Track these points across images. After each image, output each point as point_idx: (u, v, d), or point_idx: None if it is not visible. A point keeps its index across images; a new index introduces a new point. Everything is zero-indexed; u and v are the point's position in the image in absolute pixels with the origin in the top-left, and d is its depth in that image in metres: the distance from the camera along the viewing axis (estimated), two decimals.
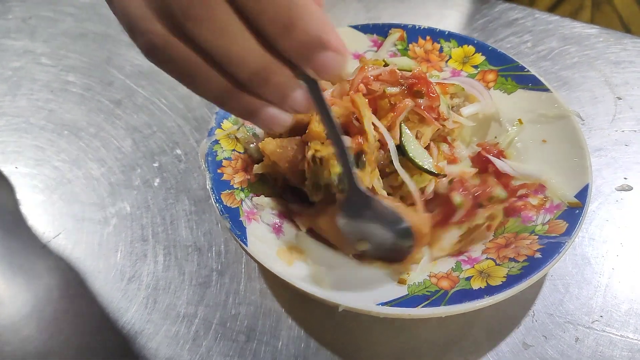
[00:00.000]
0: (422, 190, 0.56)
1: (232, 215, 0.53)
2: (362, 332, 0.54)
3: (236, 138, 0.60)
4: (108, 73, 0.78)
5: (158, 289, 0.58)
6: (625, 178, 0.64)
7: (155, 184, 0.66)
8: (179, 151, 0.69)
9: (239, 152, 0.59)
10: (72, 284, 0.58)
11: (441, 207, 0.54)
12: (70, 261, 0.60)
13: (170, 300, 0.57)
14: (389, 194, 0.56)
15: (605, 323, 0.54)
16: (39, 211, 0.64)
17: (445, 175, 0.56)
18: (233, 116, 0.60)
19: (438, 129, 0.58)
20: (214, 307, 0.56)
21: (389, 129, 0.55)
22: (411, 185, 0.54)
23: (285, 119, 0.38)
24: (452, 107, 0.62)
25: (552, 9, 0.96)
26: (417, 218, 0.51)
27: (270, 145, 0.56)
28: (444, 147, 0.60)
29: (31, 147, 0.70)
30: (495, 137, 0.63)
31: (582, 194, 0.54)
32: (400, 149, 0.55)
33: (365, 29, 0.70)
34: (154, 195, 0.65)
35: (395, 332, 0.54)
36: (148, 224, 0.63)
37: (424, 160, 0.55)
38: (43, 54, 0.81)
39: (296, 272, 0.51)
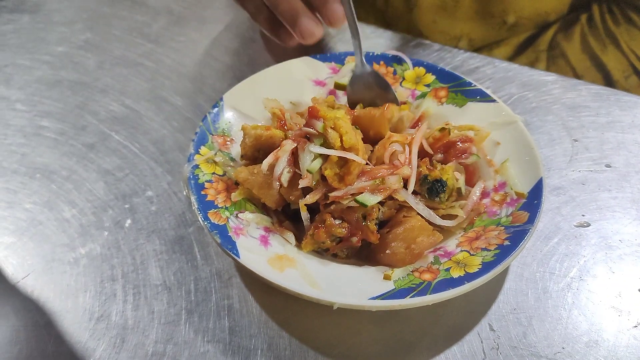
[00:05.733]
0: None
1: (221, 231, 0.57)
2: None
3: (214, 162, 0.64)
4: (82, 118, 0.79)
5: (127, 328, 0.58)
6: (583, 215, 0.67)
7: (126, 225, 0.67)
8: (150, 193, 0.70)
9: (219, 175, 0.63)
10: (39, 325, 0.58)
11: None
12: (38, 302, 0.60)
13: (139, 339, 0.57)
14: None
15: (567, 354, 0.55)
16: (8, 252, 0.64)
17: None
18: (209, 142, 0.65)
19: None
20: (182, 346, 0.56)
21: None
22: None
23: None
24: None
25: (509, 61, 1.01)
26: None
27: (242, 174, 0.61)
28: None
29: (3, 190, 0.70)
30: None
31: (538, 187, 0.61)
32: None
33: (323, 58, 0.77)
34: (124, 236, 0.65)
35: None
36: (118, 264, 0.63)
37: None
38: (18, 100, 0.82)
39: (289, 277, 0.55)
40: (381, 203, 0.59)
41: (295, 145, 0.60)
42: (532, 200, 0.60)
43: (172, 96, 0.82)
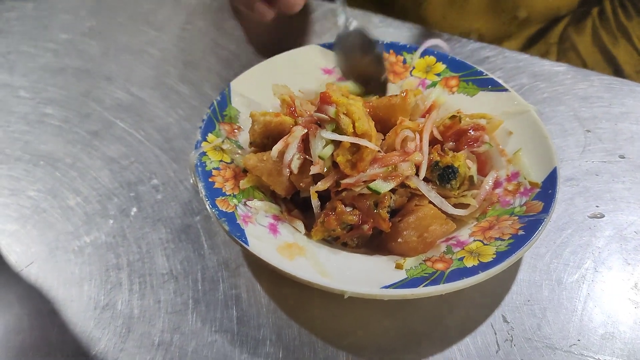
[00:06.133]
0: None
1: (229, 219, 0.56)
2: None
3: (222, 149, 0.63)
4: (86, 106, 0.78)
5: (133, 317, 0.56)
6: (597, 206, 0.65)
7: (132, 213, 0.65)
8: (156, 181, 0.69)
9: (227, 163, 0.62)
10: (43, 313, 0.57)
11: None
12: (42, 290, 0.59)
13: (145, 328, 0.56)
14: None
15: (582, 347, 0.54)
16: (12, 240, 0.63)
17: None
18: (217, 129, 0.64)
19: None
20: (189, 335, 0.55)
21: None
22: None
23: None
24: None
25: None
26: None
27: (251, 161, 0.60)
28: None
29: (6, 177, 0.69)
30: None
31: (552, 176, 0.60)
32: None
33: (331, 46, 0.75)
34: (130, 225, 0.64)
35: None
36: (124, 253, 0.62)
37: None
38: (21, 87, 0.81)
39: (299, 266, 0.54)
40: (392, 191, 0.58)
41: (306, 131, 0.59)
42: (547, 190, 0.59)
43: (177, 84, 0.81)
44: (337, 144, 0.57)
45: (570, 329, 0.55)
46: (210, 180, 0.59)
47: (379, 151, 0.59)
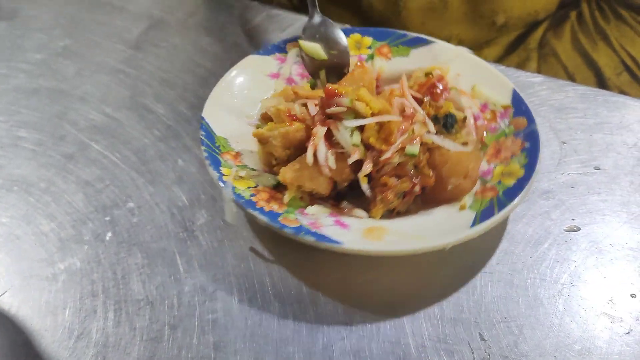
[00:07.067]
0: None
1: (307, 231, 0.57)
2: None
3: (241, 177, 0.63)
4: (61, 128, 0.77)
5: (108, 345, 0.56)
6: (573, 219, 0.66)
7: (107, 238, 0.65)
8: (131, 204, 0.68)
9: (254, 187, 0.62)
10: (17, 344, 0.56)
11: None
12: (16, 320, 0.58)
13: (120, 356, 0.55)
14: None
15: None
16: None
17: None
18: (223, 161, 0.64)
19: None
20: None
21: None
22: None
23: None
24: None
25: (499, 60, 1.00)
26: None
27: (288, 174, 0.61)
28: None
29: None
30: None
31: (516, 96, 0.69)
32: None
33: (266, 51, 0.77)
34: (105, 250, 0.64)
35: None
36: (98, 279, 0.61)
37: None
38: None
39: (396, 241, 0.57)
40: None
41: (326, 128, 0.61)
42: (519, 106, 0.68)
43: (153, 103, 0.81)
44: (360, 128, 0.61)
45: (547, 345, 0.55)
46: (257, 207, 0.59)
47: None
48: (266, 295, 0.60)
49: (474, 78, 0.72)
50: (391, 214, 0.63)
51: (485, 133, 0.68)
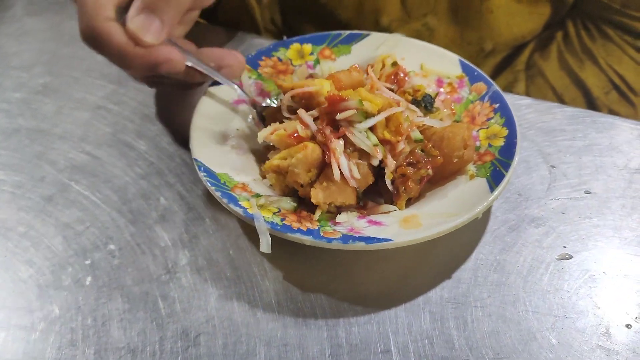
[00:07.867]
0: None
1: (354, 238, 0.57)
2: None
3: (262, 206, 0.62)
4: (40, 169, 0.76)
5: None
6: (565, 247, 0.64)
7: (87, 282, 0.63)
8: (112, 246, 0.66)
9: (278, 211, 0.62)
10: None
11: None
12: None
13: None
14: None
15: None
16: None
17: None
18: (239, 196, 0.62)
19: None
20: None
21: None
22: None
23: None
24: None
25: None
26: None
27: (319, 196, 0.61)
28: None
29: None
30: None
31: (464, 65, 0.75)
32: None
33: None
34: (85, 295, 0.62)
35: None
36: (78, 327, 0.59)
37: None
38: None
39: (437, 223, 0.58)
40: None
41: (342, 139, 0.62)
42: (472, 73, 0.74)
43: (135, 140, 0.79)
44: (371, 127, 0.63)
45: None
46: (294, 228, 0.58)
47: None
48: (251, 340, 0.58)
49: (418, 58, 0.77)
50: (409, 201, 0.65)
51: (452, 105, 0.73)
